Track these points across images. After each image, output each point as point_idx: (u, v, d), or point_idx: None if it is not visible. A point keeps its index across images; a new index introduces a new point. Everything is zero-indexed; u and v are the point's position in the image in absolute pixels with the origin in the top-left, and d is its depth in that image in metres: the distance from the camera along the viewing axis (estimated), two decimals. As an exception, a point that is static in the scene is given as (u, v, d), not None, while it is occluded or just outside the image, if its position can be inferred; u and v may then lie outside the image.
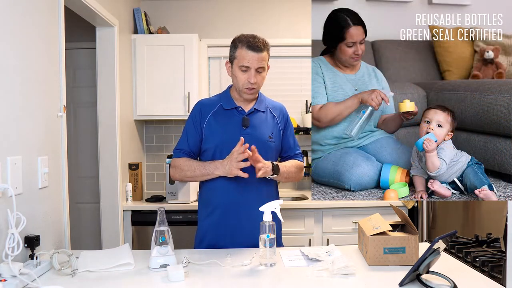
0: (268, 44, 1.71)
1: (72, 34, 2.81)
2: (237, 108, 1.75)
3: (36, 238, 1.41)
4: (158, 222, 1.41)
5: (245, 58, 1.65)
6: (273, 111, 1.82)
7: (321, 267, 1.37)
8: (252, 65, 1.66)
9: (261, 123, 1.76)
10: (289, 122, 1.87)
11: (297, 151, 1.89)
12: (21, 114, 1.50)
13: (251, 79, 1.66)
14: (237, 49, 1.69)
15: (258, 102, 1.78)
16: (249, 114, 1.75)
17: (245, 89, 1.70)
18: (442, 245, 1.23)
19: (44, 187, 1.65)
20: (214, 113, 1.75)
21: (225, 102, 1.77)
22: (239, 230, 1.69)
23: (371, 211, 2.61)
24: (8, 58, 1.43)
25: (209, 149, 1.73)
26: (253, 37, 1.68)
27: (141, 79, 3.12)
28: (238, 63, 1.68)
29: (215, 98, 1.82)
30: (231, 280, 1.31)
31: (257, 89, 1.73)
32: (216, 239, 1.71)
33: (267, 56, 1.70)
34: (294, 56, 3.56)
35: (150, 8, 3.47)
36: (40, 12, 1.67)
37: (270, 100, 1.86)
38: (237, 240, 1.69)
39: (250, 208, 1.65)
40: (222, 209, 1.71)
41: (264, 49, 1.67)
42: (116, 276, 1.35)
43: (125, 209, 2.89)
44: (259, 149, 1.66)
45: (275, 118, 1.81)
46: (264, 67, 1.70)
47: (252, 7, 3.53)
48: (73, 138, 3.33)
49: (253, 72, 1.66)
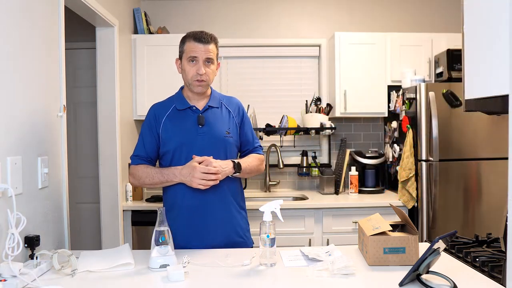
0: (216, 39, 1.74)
1: (72, 34, 2.81)
2: (191, 108, 1.75)
3: (36, 238, 1.41)
4: (158, 222, 1.41)
5: (193, 50, 1.68)
6: (228, 106, 1.81)
7: (321, 267, 1.37)
8: (200, 55, 1.67)
9: (217, 120, 1.75)
10: (245, 116, 1.86)
11: (256, 144, 1.89)
12: (21, 114, 1.50)
13: (199, 70, 1.67)
14: (185, 43, 1.73)
15: (211, 99, 1.78)
16: (203, 112, 1.74)
17: (194, 81, 1.70)
18: (442, 245, 1.23)
19: (44, 187, 1.65)
20: (168, 115, 1.75)
21: (178, 103, 1.77)
22: (206, 231, 1.69)
23: (371, 211, 2.61)
24: (8, 58, 1.43)
25: (168, 152, 1.72)
26: (201, 32, 1.72)
27: (141, 79, 3.12)
28: (186, 56, 1.70)
29: (167, 100, 1.83)
30: (231, 280, 1.31)
31: (207, 82, 1.72)
32: (185, 241, 1.68)
33: (215, 49, 1.72)
34: (294, 56, 3.56)
35: (150, 8, 3.47)
36: (40, 12, 1.67)
37: (224, 96, 1.87)
38: (206, 240, 1.68)
39: (214, 207, 1.68)
40: (187, 211, 1.69)
41: (211, 42, 1.70)
42: (116, 276, 1.35)
43: (125, 209, 2.89)
44: (218, 146, 1.69)
45: (231, 113, 1.80)
46: (213, 59, 1.70)
47: (252, 7, 3.53)
48: (73, 138, 3.33)
49: (201, 63, 1.68)
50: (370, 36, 3.22)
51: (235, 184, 1.80)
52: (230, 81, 3.53)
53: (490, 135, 2.82)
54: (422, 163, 2.82)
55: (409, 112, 2.97)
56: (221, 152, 1.71)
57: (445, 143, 2.80)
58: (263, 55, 3.54)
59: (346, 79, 3.21)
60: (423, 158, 2.82)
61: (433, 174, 2.79)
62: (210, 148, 1.69)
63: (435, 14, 3.58)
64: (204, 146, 1.69)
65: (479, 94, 1.17)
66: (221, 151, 1.71)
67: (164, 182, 1.69)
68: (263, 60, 3.55)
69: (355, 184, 3.20)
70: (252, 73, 3.55)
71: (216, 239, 1.69)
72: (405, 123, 2.98)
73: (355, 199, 3.03)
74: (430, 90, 2.80)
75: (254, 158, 1.82)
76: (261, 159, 1.86)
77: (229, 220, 1.72)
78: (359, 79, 3.20)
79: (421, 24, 3.56)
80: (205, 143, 1.70)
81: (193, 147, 1.68)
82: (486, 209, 2.82)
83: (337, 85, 3.21)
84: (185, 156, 1.68)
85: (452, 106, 2.80)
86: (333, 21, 3.56)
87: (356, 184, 3.21)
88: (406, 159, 2.88)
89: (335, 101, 3.23)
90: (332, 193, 3.23)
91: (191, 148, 1.68)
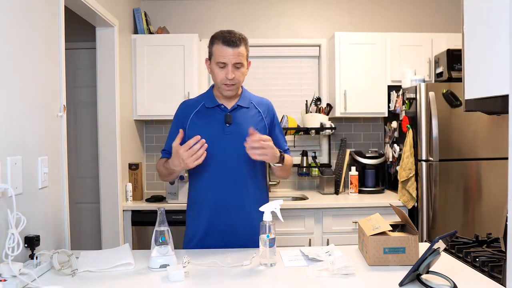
0: (245, 39, 1.68)
1: (72, 34, 2.81)
2: (219, 106, 1.74)
3: (36, 238, 1.40)
4: (158, 222, 1.41)
5: (221, 54, 1.63)
6: (258, 106, 1.79)
7: (321, 267, 1.37)
8: (229, 60, 1.63)
9: (245, 120, 1.73)
10: (275, 117, 1.85)
11: (285, 147, 1.87)
12: (21, 114, 1.50)
13: (228, 75, 1.64)
14: (213, 45, 1.68)
15: (241, 99, 1.76)
16: (231, 111, 1.73)
17: (223, 85, 1.68)
18: (442, 245, 1.23)
19: (44, 187, 1.65)
20: (196, 112, 1.74)
21: (207, 100, 1.76)
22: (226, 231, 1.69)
23: (371, 211, 2.61)
24: (8, 58, 1.43)
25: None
26: (229, 33, 1.66)
27: (141, 79, 3.12)
28: (215, 60, 1.66)
29: (198, 98, 1.82)
30: (231, 280, 1.31)
31: (236, 85, 1.70)
32: (204, 240, 1.69)
33: (244, 51, 1.67)
34: (294, 56, 3.56)
35: (150, 8, 3.47)
36: (40, 12, 1.67)
37: (256, 96, 1.84)
38: (227, 241, 1.68)
39: (238, 208, 1.67)
40: (210, 209, 1.69)
41: (240, 44, 1.65)
42: (116, 276, 1.35)
43: (125, 209, 2.89)
44: (243, 146, 1.61)
45: (260, 114, 1.78)
46: (242, 62, 1.67)
47: (252, 7, 3.53)
48: (73, 138, 3.33)
49: (230, 68, 1.64)
50: (370, 36, 3.22)
51: (260, 186, 1.78)
52: (230, 81, 3.52)
53: (490, 135, 2.82)
54: (422, 163, 2.82)
55: (409, 112, 2.97)
56: (246, 152, 1.65)
57: (445, 143, 2.80)
58: (263, 55, 3.54)
59: (346, 79, 3.21)
60: (423, 158, 2.82)
61: (433, 174, 2.79)
62: (235, 148, 1.66)
63: (435, 14, 3.58)
64: (230, 145, 1.67)
65: (479, 94, 1.17)
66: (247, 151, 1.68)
67: (171, 172, 1.68)
68: (263, 60, 3.55)
69: (355, 184, 3.21)
70: (252, 73, 3.54)
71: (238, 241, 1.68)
72: (405, 123, 2.98)
73: (355, 199, 3.03)
74: (430, 90, 2.80)
75: (288, 158, 1.80)
76: (291, 161, 1.84)
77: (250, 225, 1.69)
78: (359, 79, 3.20)
79: (421, 24, 3.56)
80: (230, 142, 1.68)
81: (218, 145, 1.66)
82: (486, 209, 2.82)
83: (337, 85, 3.21)
84: (210, 153, 1.63)
85: (452, 106, 2.80)
86: (333, 21, 3.56)
87: (356, 184, 3.21)
88: (406, 159, 2.88)
89: (335, 101, 3.23)
90: (332, 193, 3.23)
91: (216, 146, 1.65)
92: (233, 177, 1.67)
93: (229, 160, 1.68)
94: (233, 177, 1.67)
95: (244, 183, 1.69)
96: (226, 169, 1.68)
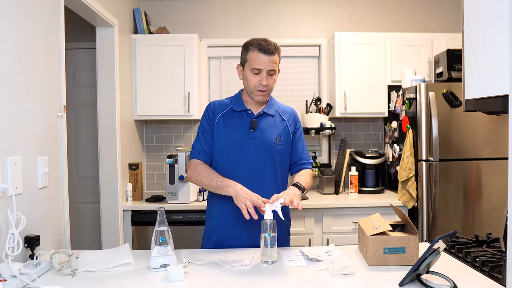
0: (279, 48, 1.73)
1: (72, 34, 2.81)
2: (246, 111, 1.76)
3: (36, 238, 1.41)
4: (158, 222, 1.41)
5: (257, 61, 1.67)
6: (282, 114, 1.82)
7: (321, 267, 1.37)
8: (264, 67, 1.67)
9: (269, 127, 1.76)
10: (300, 127, 1.87)
11: (305, 158, 1.86)
12: (21, 114, 1.50)
13: (263, 81, 1.68)
14: (248, 52, 1.71)
15: (268, 106, 1.79)
16: (257, 117, 1.76)
17: (256, 90, 1.71)
18: (442, 245, 1.23)
19: (44, 187, 1.65)
20: (224, 114, 1.77)
21: (235, 104, 1.78)
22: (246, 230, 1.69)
23: (371, 211, 2.61)
24: (8, 58, 1.43)
25: (216, 149, 1.74)
26: (265, 41, 1.70)
27: (141, 79, 3.12)
28: (249, 66, 1.70)
29: (226, 100, 1.84)
30: (231, 280, 1.31)
31: (268, 92, 1.74)
32: (222, 237, 1.72)
33: (278, 59, 1.72)
34: (294, 56, 3.56)
35: (150, 8, 3.47)
36: (40, 12, 1.67)
37: (281, 104, 1.87)
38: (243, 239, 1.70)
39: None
40: (231, 211, 1.69)
41: (275, 52, 1.69)
42: (116, 276, 1.35)
43: (125, 209, 2.89)
44: (265, 152, 1.69)
45: (285, 122, 1.81)
46: (275, 70, 1.71)
47: (252, 7, 3.53)
48: (73, 138, 3.33)
49: (265, 75, 1.68)
50: (370, 36, 3.22)
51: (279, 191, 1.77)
52: (230, 81, 3.53)
53: (490, 135, 2.82)
54: (422, 163, 2.82)
55: (409, 112, 2.97)
56: (268, 159, 1.71)
57: (445, 143, 2.80)
58: (263, 55, 3.53)
59: (346, 79, 3.21)
60: (423, 158, 2.82)
61: (433, 174, 2.79)
62: (257, 153, 1.70)
63: (435, 14, 3.58)
64: (252, 150, 1.70)
65: (479, 94, 1.17)
66: (268, 157, 1.71)
67: (219, 188, 1.64)
68: (263, 60, 3.55)
69: (355, 184, 3.21)
70: (252, 73, 3.55)
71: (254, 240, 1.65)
72: (405, 123, 2.98)
73: (355, 199, 3.03)
74: (430, 90, 2.80)
75: (306, 175, 1.80)
76: (312, 175, 1.85)
77: None
78: (359, 79, 3.20)
79: (421, 24, 3.56)
80: (253, 148, 1.71)
81: (241, 150, 1.70)
82: (486, 209, 2.82)
83: (337, 85, 3.21)
84: (232, 157, 1.70)
85: (452, 106, 2.80)
86: (333, 21, 3.56)
87: (356, 184, 3.21)
88: (406, 159, 2.88)
89: (335, 101, 3.23)
90: (332, 193, 3.23)
91: (239, 150, 1.69)
92: (254, 181, 1.67)
93: (251, 164, 1.70)
94: (254, 181, 1.67)
95: (264, 188, 1.69)
96: (247, 173, 1.69)
